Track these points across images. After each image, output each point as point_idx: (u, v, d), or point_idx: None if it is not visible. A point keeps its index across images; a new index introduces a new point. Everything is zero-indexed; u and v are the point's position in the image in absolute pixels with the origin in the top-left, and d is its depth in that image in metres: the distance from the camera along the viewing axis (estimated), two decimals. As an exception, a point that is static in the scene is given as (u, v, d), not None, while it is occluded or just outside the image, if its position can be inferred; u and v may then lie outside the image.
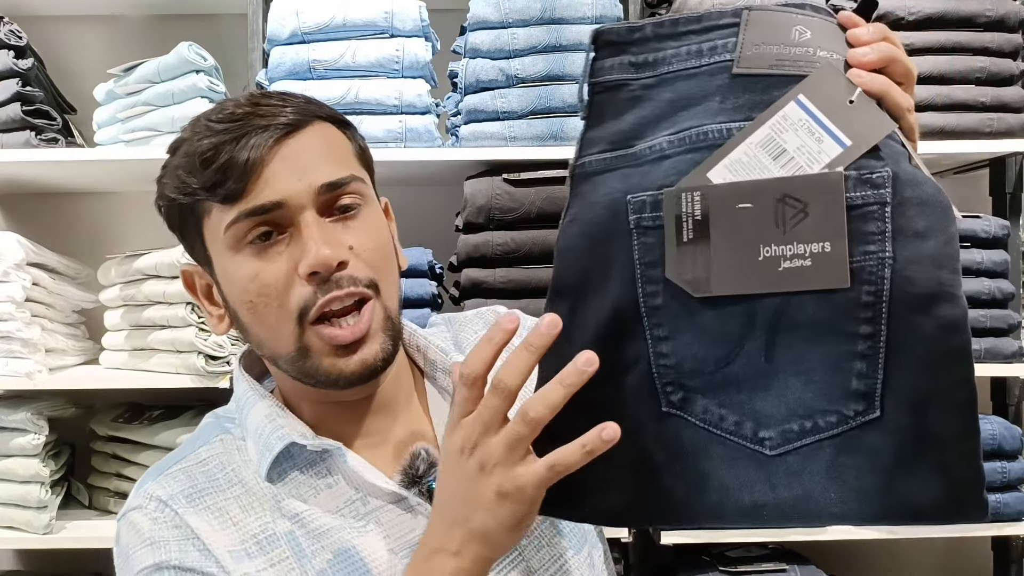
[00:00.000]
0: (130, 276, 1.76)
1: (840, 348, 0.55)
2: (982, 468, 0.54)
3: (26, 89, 1.74)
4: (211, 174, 0.70)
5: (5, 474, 1.70)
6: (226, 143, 0.70)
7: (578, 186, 0.61)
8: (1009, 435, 1.72)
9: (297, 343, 0.72)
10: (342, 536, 0.72)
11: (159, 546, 0.70)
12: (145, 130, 1.73)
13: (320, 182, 0.71)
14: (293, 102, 0.74)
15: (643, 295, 0.59)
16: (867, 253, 0.54)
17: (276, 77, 1.68)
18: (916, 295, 0.53)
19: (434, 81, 1.73)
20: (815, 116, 0.54)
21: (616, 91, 0.61)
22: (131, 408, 1.86)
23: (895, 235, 0.53)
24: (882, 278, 0.53)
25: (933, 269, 0.53)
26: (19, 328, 1.67)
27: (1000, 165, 1.82)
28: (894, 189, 0.53)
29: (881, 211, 0.53)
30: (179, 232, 0.77)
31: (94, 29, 2.03)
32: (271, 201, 0.70)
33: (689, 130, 0.58)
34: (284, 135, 0.71)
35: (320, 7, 1.66)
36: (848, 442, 0.55)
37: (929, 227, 0.53)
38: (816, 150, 0.54)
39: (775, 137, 0.55)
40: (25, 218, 2.02)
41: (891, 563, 2.00)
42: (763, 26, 0.56)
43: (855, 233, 0.54)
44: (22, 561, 2.00)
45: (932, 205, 0.53)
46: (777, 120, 0.55)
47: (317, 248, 0.69)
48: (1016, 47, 1.75)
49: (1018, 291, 1.75)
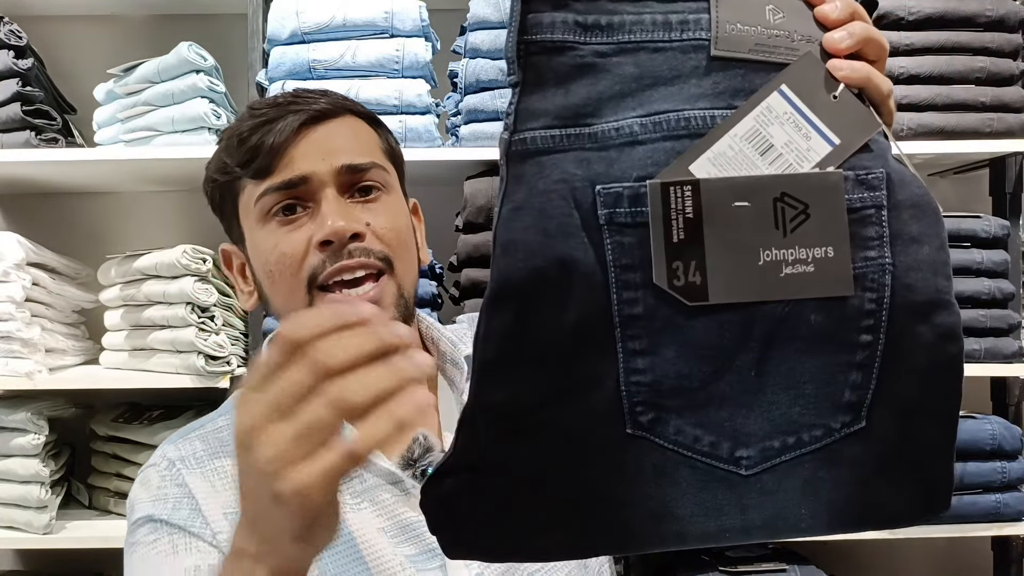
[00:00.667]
0: (130, 276, 1.76)
1: (837, 359, 0.52)
2: (953, 470, 0.54)
3: (26, 89, 1.74)
4: (245, 152, 0.77)
5: (5, 474, 1.70)
6: (261, 125, 0.77)
7: (518, 166, 0.51)
8: (1009, 435, 1.72)
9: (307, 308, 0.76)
10: None
11: (158, 502, 0.74)
12: (145, 130, 1.73)
13: (342, 163, 0.77)
14: (330, 95, 0.81)
15: (618, 303, 0.50)
16: (868, 259, 0.51)
17: (276, 77, 1.68)
18: (916, 302, 0.51)
19: (434, 81, 1.73)
20: (800, 109, 0.51)
21: (558, 54, 0.51)
22: (131, 408, 1.86)
23: (892, 240, 0.51)
24: (884, 285, 0.51)
25: (931, 276, 0.52)
26: (19, 328, 1.67)
27: (1000, 165, 1.82)
28: (888, 191, 0.51)
29: (878, 215, 0.51)
30: (220, 211, 0.85)
31: (94, 29, 2.03)
32: (296, 176, 0.76)
33: (666, 114, 0.51)
34: (313, 121, 0.78)
35: (320, 7, 1.66)
36: (829, 455, 0.53)
37: (923, 232, 0.52)
38: (804, 147, 0.51)
39: (761, 130, 0.51)
40: (25, 218, 2.02)
41: (891, 563, 2.00)
42: (735, 3, 0.51)
43: (854, 238, 0.51)
44: (22, 561, 2.00)
45: (924, 208, 0.52)
46: (761, 111, 0.51)
47: (333, 219, 0.75)
48: (1016, 47, 1.75)
49: (1018, 291, 1.75)
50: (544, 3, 0.51)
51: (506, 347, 0.50)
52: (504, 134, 0.51)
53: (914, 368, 0.52)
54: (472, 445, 0.51)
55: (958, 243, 1.73)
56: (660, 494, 0.52)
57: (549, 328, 0.50)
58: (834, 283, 0.50)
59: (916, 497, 0.54)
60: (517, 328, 0.50)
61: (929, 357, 0.52)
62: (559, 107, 0.51)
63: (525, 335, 0.51)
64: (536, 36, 0.51)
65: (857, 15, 0.54)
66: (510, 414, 0.51)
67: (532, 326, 0.50)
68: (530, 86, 0.51)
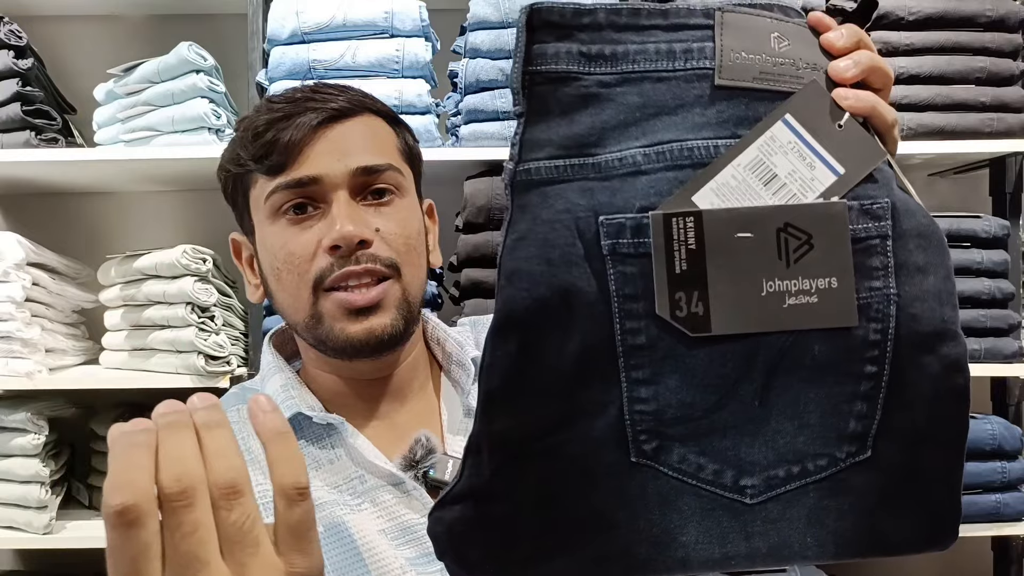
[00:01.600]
0: (130, 276, 1.76)
1: (842, 389, 0.51)
2: (960, 501, 0.54)
3: (26, 89, 1.74)
4: (259, 147, 0.76)
5: (5, 474, 1.71)
6: (277, 120, 0.76)
7: (522, 196, 0.51)
8: (1009, 435, 1.72)
9: (311, 309, 0.76)
10: (334, 512, 0.73)
11: None
12: (145, 130, 1.73)
13: (356, 165, 0.76)
14: (349, 93, 0.80)
15: (621, 332, 0.50)
16: (872, 289, 0.50)
17: (276, 77, 1.68)
18: (921, 333, 0.51)
19: (434, 81, 1.73)
20: (804, 139, 0.51)
21: (563, 84, 0.51)
22: (131, 408, 1.86)
23: (897, 270, 0.51)
24: (888, 316, 0.50)
25: (937, 306, 0.51)
26: (19, 328, 1.67)
27: (1000, 165, 1.82)
28: (893, 221, 0.51)
29: (883, 245, 0.51)
30: (231, 201, 0.84)
31: (94, 29, 2.03)
32: (308, 176, 0.75)
33: (669, 144, 0.51)
34: (331, 119, 0.77)
35: (320, 7, 1.67)
36: (834, 484, 0.52)
37: (929, 262, 0.51)
38: (809, 177, 0.50)
39: (764, 160, 0.50)
40: (25, 218, 2.02)
41: (891, 563, 2.00)
42: (740, 31, 0.51)
43: (858, 268, 0.50)
44: (22, 561, 2.00)
45: (929, 237, 0.51)
46: (765, 141, 0.50)
47: (342, 224, 0.74)
48: (1016, 47, 1.75)
49: (1018, 291, 1.75)
50: (549, 34, 0.51)
51: (511, 376, 0.51)
52: (509, 164, 0.51)
53: (920, 399, 0.52)
54: (478, 472, 0.52)
55: (958, 243, 1.73)
56: (664, 521, 0.52)
57: (553, 357, 0.51)
58: (838, 314, 0.50)
59: (922, 528, 0.53)
60: (522, 357, 0.51)
61: (935, 388, 0.51)
62: (563, 137, 0.51)
63: (530, 364, 0.51)
64: (541, 67, 0.51)
65: (863, 43, 0.54)
66: (515, 441, 0.51)
67: (536, 355, 0.51)
68: (535, 116, 0.51)
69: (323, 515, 0.73)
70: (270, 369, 0.83)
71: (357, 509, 0.74)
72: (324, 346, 0.78)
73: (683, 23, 0.52)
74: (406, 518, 0.75)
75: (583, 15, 0.51)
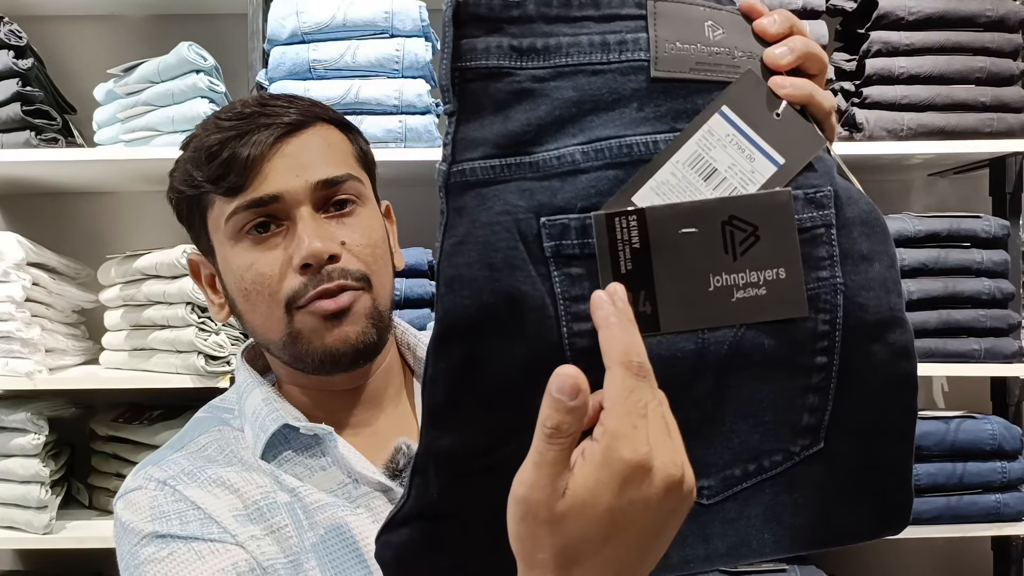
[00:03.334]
0: (130, 276, 1.76)
1: (794, 382, 0.50)
2: (912, 489, 0.54)
3: (26, 89, 1.74)
4: (215, 168, 0.74)
5: (5, 474, 1.70)
6: (231, 139, 0.74)
7: (458, 198, 0.48)
8: (1009, 435, 1.72)
9: (287, 328, 0.75)
10: (336, 513, 0.73)
11: (159, 520, 0.72)
12: (145, 130, 1.73)
13: (316, 179, 0.75)
14: (299, 104, 0.78)
15: (569, 336, 0.48)
16: (820, 279, 0.50)
17: (276, 77, 1.68)
18: (869, 322, 0.50)
19: (434, 81, 1.73)
20: (742, 130, 0.50)
21: (495, 80, 0.49)
22: (131, 408, 1.86)
23: (843, 259, 0.50)
24: (836, 305, 0.50)
25: (883, 294, 0.50)
26: (19, 328, 1.67)
27: (1000, 165, 1.82)
28: (837, 209, 0.50)
29: (828, 234, 0.50)
30: (186, 223, 0.82)
31: (94, 29, 2.03)
32: (268, 194, 0.74)
33: (608, 140, 0.49)
34: (286, 134, 0.75)
35: (320, 7, 1.66)
36: (789, 479, 0.52)
37: (873, 249, 0.50)
38: (749, 169, 0.49)
39: (703, 154, 0.49)
40: (25, 218, 2.02)
41: (891, 563, 2.00)
42: (674, 21, 0.49)
43: (805, 258, 0.49)
44: (22, 561, 2.00)
45: (873, 225, 0.51)
46: (703, 135, 0.49)
47: (310, 241, 0.73)
48: (1016, 47, 1.75)
49: (1018, 291, 1.75)
50: (478, 28, 0.48)
51: (455, 389, 0.48)
52: (442, 165, 0.49)
53: (869, 387, 0.51)
54: (425, 492, 0.50)
55: (958, 243, 1.73)
56: None
57: (499, 366, 0.48)
58: (788, 305, 0.49)
59: (873, 514, 0.53)
60: (465, 368, 0.48)
61: (884, 375, 0.51)
62: (498, 135, 0.49)
63: (475, 375, 0.48)
64: (471, 63, 0.48)
65: (796, 28, 0.53)
66: (463, 458, 0.49)
67: (481, 365, 0.48)
68: (467, 114, 0.49)
69: (325, 516, 0.73)
70: (248, 384, 0.81)
71: (355, 512, 0.74)
72: (302, 363, 0.76)
73: (615, 13, 0.49)
74: None
75: (512, 7, 0.48)
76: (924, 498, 1.72)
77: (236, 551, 0.70)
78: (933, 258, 1.72)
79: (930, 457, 1.72)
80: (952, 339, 1.72)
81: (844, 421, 0.51)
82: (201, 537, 0.70)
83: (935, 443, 1.71)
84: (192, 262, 0.85)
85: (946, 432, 1.72)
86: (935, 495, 1.72)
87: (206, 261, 0.83)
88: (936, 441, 1.71)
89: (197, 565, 0.69)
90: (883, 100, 1.72)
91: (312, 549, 0.72)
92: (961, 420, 1.74)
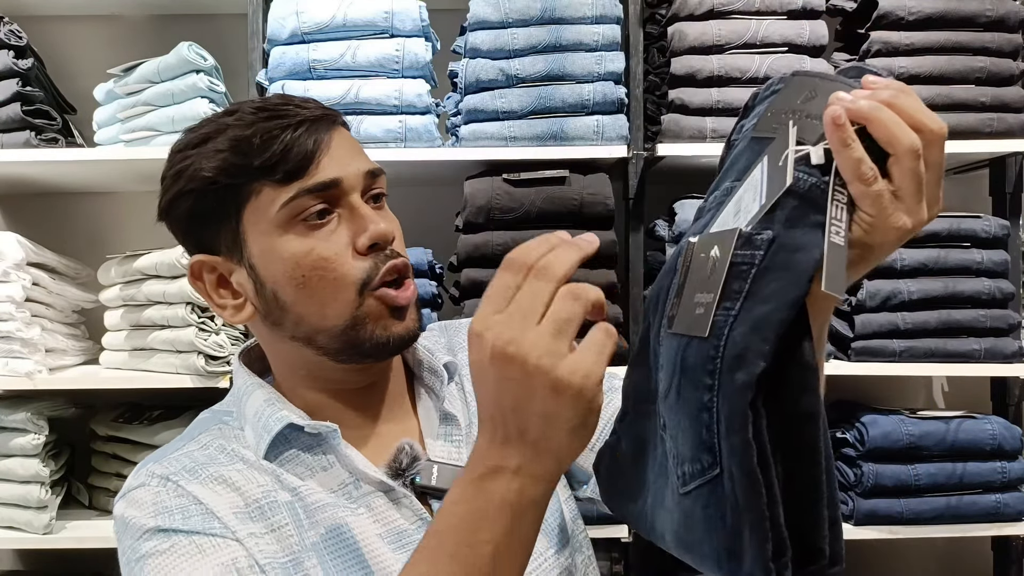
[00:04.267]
0: (130, 276, 1.76)
1: (698, 397, 0.55)
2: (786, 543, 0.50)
3: (26, 89, 1.74)
4: (271, 155, 0.74)
5: (5, 474, 1.71)
6: (283, 128, 0.75)
7: None
8: (1009, 435, 1.73)
9: (354, 312, 0.75)
10: (336, 513, 0.74)
11: (162, 515, 0.72)
12: (145, 130, 1.73)
13: (366, 168, 0.78)
14: (314, 103, 0.79)
15: (662, 321, 0.62)
16: (725, 309, 0.54)
17: (276, 77, 1.68)
18: (731, 355, 0.53)
19: (434, 81, 1.73)
20: (764, 175, 0.57)
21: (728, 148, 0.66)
22: (131, 408, 1.86)
23: (748, 295, 0.53)
24: (722, 334, 0.53)
25: (749, 332, 0.52)
26: (19, 328, 1.68)
27: (1000, 165, 1.82)
28: (767, 252, 0.54)
29: (748, 271, 0.54)
30: (208, 218, 0.78)
31: (94, 29, 2.03)
32: (331, 178, 0.75)
33: (721, 188, 0.62)
34: (332, 126, 0.78)
35: (320, 7, 1.67)
36: (710, 493, 0.54)
37: (774, 293, 0.52)
38: (749, 209, 0.57)
39: (742, 196, 0.59)
40: (25, 218, 2.02)
41: (891, 563, 2.00)
42: (790, 90, 0.59)
43: (725, 289, 0.55)
44: (22, 561, 2.00)
45: (792, 271, 0.52)
46: (748, 181, 0.58)
47: (376, 223, 0.75)
48: (1016, 47, 1.75)
49: (1018, 291, 1.75)
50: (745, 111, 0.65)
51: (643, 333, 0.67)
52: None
53: (728, 420, 0.52)
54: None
55: (958, 243, 1.73)
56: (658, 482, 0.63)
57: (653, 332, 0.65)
58: (702, 325, 0.56)
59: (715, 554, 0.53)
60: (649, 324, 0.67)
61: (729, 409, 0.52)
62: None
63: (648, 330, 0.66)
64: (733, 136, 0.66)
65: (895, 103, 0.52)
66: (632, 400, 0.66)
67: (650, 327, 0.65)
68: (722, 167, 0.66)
69: (326, 516, 0.74)
70: (248, 387, 0.81)
71: (355, 512, 0.75)
72: (356, 348, 0.76)
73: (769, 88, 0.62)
74: (399, 524, 0.75)
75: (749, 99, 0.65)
76: (924, 498, 1.72)
77: (236, 547, 0.70)
78: (933, 258, 1.72)
79: (930, 457, 1.72)
80: (952, 339, 1.72)
81: (724, 449, 0.53)
82: (203, 531, 0.71)
83: (935, 443, 1.71)
84: (196, 265, 0.80)
85: (946, 432, 1.72)
86: (935, 495, 1.72)
87: (214, 263, 0.79)
88: (936, 441, 1.71)
89: (198, 559, 0.69)
90: (883, 100, 1.72)
91: (312, 548, 0.72)
92: (961, 420, 1.74)
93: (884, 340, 1.72)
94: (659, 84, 1.78)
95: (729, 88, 1.71)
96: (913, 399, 2.08)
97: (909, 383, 2.07)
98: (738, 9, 1.72)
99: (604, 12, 1.69)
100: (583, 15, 1.69)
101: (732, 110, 1.70)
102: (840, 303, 0.55)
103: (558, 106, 1.68)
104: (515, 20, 1.69)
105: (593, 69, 1.68)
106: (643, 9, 1.78)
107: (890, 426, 1.72)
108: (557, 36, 1.68)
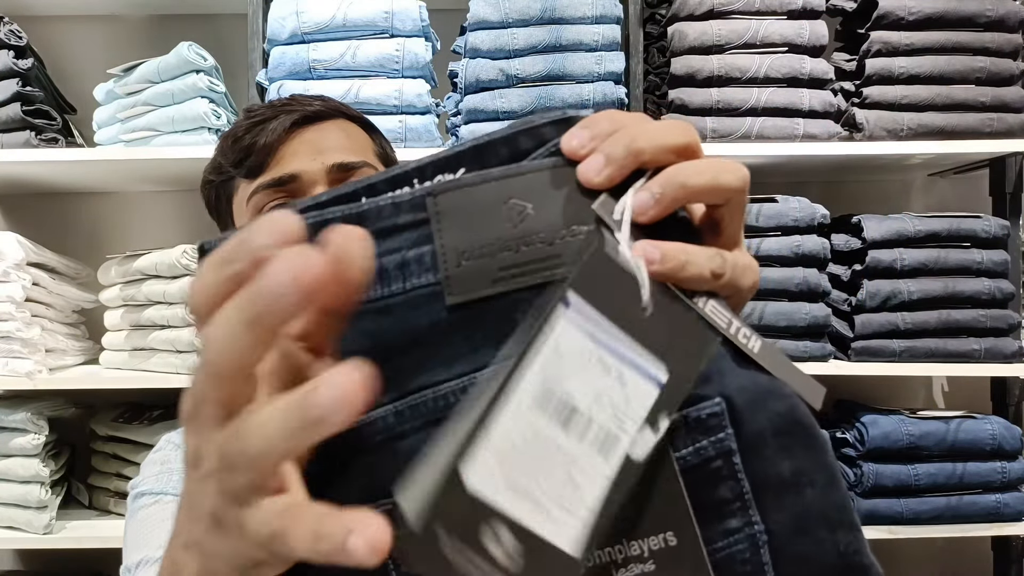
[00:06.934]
0: (130, 276, 1.76)
1: None
2: None
3: (26, 89, 1.74)
4: (238, 152, 0.79)
5: (5, 474, 1.70)
6: (254, 125, 0.79)
7: None
8: (1009, 435, 1.72)
9: None
10: None
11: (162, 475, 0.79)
12: (145, 130, 1.73)
13: (332, 162, 0.78)
14: (326, 100, 0.83)
15: None
16: (728, 532, 0.36)
17: (276, 77, 1.68)
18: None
19: (434, 81, 1.73)
20: (601, 341, 0.34)
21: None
22: (131, 408, 1.86)
23: (758, 495, 0.36)
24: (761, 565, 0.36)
25: (827, 534, 0.36)
26: (19, 328, 1.67)
27: (1000, 165, 1.82)
28: (735, 424, 0.36)
29: (729, 465, 0.36)
30: (216, 213, 0.86)
31: (94, 29, 2.03)
32: (286, 174, 0.77)
33: (420, 393, 0.36)
34: (306, 121, 0.80)
35: (320, 7, 1.67)
36: None
37: (798, 468, 0.36)
38: (623, 397, 0.34)
39: (553, 389, 0.33)
40: (25, 218, 2.02)
41: (891, 563, 2.00)
42: (462, 218, 0.36)
43: (701, 509, 0.36)
44: (22, 561, 2.00)
45: (791, 431, 0.37)
46: (548, 359, 0.33)
47: None
48: (1016, 47, 1.75)
49: (1018, 291, 1.75)
50: None
51: None
52: None
53: None
54: None
55: (958, 243, 1.73)
56: None
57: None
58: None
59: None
60: None
61: None
62: None
63: None
64: None
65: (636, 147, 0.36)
66: None
67: None
68: None
69: None
70: None
71: None
72: None
73: (391, 225, 0.36)
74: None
75: None
76: (924, 498, 1.72)
77: None
78: (933, 258, 1.72)
79: (930, 457, 1.72)
80: (952, 339, 1.72)
81: None
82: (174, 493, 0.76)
83: (935, 443, 1.71)
84: None
85: (946, 432, 1.72)
86: (935, 495, 1.72)
87: None
88: (936, 441, 1.71)
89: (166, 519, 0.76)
90: (883, 100, 1.72)
91: None
92: (961, 420, 1.74)
93: (884, 340, 1.72)
94: (659, 84, 1.78)
95: (729, 88, 1.71)
96: (913, 399, 2.08)
97: (909, 383, 2.07)
98: (738, 9, 1.72)
99: (604, 12, 1.69)
100: (583, 15, 1.69)
101: (732, 110, 1.70)
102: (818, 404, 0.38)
103: (558, 106, 1.68)
104: (515, 20, 1.69)
105: (593, 69, 1.68)
106: (643, 9, 1.78)
107: (890, 426, 1.72)
108: (557, 36, 1.68)
